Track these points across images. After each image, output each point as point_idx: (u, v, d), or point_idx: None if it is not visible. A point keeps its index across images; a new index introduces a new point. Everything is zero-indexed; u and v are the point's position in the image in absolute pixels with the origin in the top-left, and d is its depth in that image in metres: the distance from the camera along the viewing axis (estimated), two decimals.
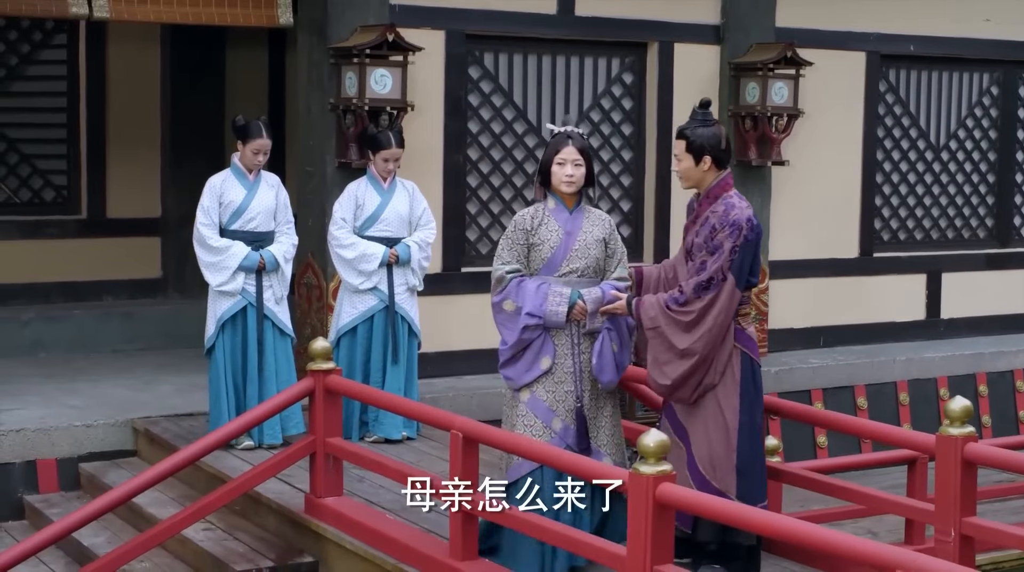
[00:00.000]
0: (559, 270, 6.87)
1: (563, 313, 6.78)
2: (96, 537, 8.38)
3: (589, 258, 6.90)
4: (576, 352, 6.86)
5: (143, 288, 12.95)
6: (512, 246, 6.94)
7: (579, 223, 6.92)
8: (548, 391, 6.83)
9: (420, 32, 10.41)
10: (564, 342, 6.85)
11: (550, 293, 6.80)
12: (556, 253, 6.87)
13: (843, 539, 4.92)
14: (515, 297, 6.85)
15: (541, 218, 6.93)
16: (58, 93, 12.73)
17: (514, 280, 6.88)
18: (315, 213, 10.31)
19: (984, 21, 13.16)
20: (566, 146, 6.88)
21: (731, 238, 6.66)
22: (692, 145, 6.81)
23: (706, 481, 6.69)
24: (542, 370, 6.83)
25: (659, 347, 6.76)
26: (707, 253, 6.69)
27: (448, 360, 10.78)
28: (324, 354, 7.68)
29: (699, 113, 6.91)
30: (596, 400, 6.93)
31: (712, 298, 6.63)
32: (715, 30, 11.80)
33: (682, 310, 6.67)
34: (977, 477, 6.45)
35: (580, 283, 6.87)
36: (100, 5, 9.77)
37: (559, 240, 6.87)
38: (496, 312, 6.95)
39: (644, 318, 6.77)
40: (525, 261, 6.92)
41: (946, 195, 13.40)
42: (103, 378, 10.91)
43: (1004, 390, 12.85)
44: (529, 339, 6.82)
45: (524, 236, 6.92)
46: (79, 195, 12.83)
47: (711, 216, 6.77)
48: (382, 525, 7.35)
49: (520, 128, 11.19)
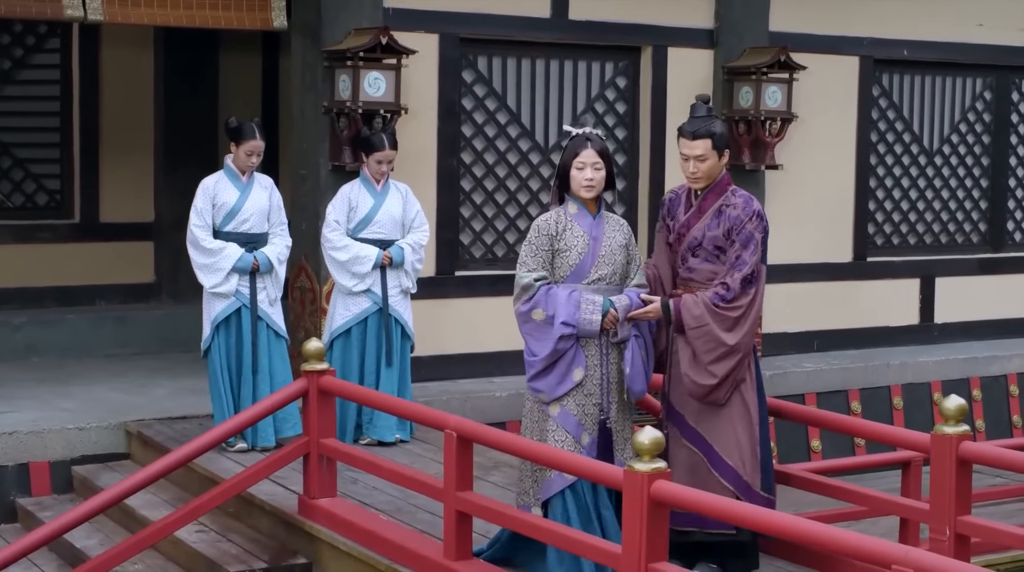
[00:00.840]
0: (587, 277, 6.63)
1: (597, 321, 6.54)
2: (89, 539, 8.37)
3: (615, 264, 6.69)
4: (605, 362, 6.64)
5: (136, 293, 12.94)
6: (536, 252, 6.67)
7: (602, 228, 6.70)
8: (578, 404, 6.60)
9: (414, 35, 10.41)
10: (594, 352, 6.61)
11: (583, 301, 6.55)
12: (584, 260, 6.63)
13: (838, 534, 4.91)
14: (545, 305, 6.56)
15: (565, 223, 6.67)
16: (51, 97, 12.73)
17: (543, 287, 6.60)
18: (308, 216, 10.30)
19: (977, 26, 13.17)
20: (585, 149, 6.64)
21: (759, 229, 6.70)
22: (717, 142, 6.73)
23: (739, 477, 6.64)
24: (575, 382, 6.58)
25: (704, 346, 6.64)
26: (739, 246, 6.65)
27: (442, 364, 10.76)
28: (318, 355, 7.67)
29: (703, 107, 6.83)
30: (622, 412, 6.71)
31: (755, 291, 6.63)
32: (709, 34, 11.81)
33: (731, 306, 6.60)
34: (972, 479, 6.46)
35: (607, 290, 6.65)
36: (94, 8, 9.75)
37: (586, 246, 6.64)
38: (523, 321, 6.66)
39: (688, 318, 6.65)
40: (551, 268, 6.67)
41: (939, 200, 13.41)
42: (96, 382, 10.89)
43: (998, 394, 12.85)
44: (563, 350, 6.55)
45: (548, 242, 6.65)
46: (72, 199, 12.83)
47: (728, 209, 6.72)
48: (376, 526, 7.33)
49: (514, 132, 11.18)
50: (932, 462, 6.43)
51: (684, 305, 6.67)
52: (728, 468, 6.67)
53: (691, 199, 6.89)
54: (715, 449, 6.71)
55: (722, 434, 6.70)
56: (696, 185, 6.84)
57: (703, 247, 6.76)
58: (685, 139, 6.79)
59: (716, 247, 6.75)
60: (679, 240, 6.88)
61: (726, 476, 6.67)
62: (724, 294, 6.61)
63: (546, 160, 11.29)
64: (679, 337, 6.78)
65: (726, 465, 6.68)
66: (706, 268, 6.78)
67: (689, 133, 6.77)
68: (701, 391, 6.69)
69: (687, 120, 6.88)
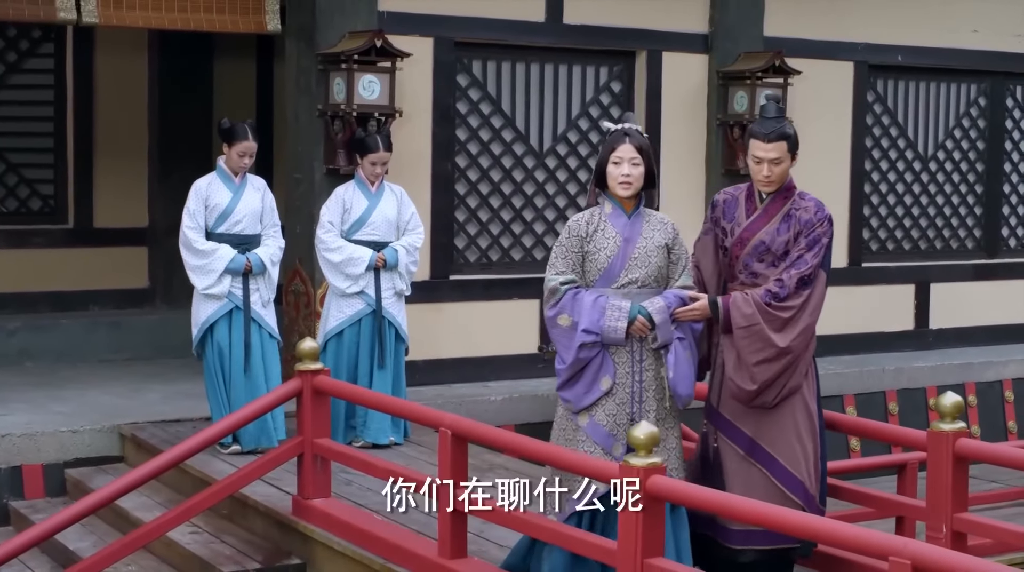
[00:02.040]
0: (617, 281, 6.33)
1: (622, 329, 6.21)
2: (82, 541, 8.34)
3: (650, 267, 6.34)
4: (638, 369, 6.31)
5: (130, 298, 12.90)
6: (566, 254, 6.37)
7: (638, 229, 6.36)
8: (608, 414, 6.28)
9: (409, 39, 10.40)
10: (625, 360, 6.30)
11: (608, 307, 6.24)
12: (613, 262, 6.32)
13: (836, 526, 4.89)
14: (570, 311, 6.28)
15: (597, 224, 6.36)
16: (45, 102, 12.69)
17: (569, 292, 6.31)
18: (303, 220, 10.28)
19: (972, 32, 13.19)
20: (622, 144, 6.28)
21: (827, 234, 6.45)
22: (792, 144, 6.43)
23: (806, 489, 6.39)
24: (602, 391, 6.28)
25: (750, 347, 6.36)
26: (804, 247, 6.38)
27: (436, 368, 10.73)
28: (312, 354, 7.64)
29: (773, 107, 6.50)
30: (661, 422, 6.30)
31: (809, 293, 6.36)
32: (703, 39, 11.81)
33: (782, 306, 6.33)
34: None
35: (641, 295, 6.32)
36: (89, 10, 9.73)
37: (616, 248, 6.32)
38: (550, 326, 6.39)
39: (738, 316, 6.37)
40: (580, 270, 6.36)
41: (934, 206, 13.41)
42: (90, 386, 10.86)
43: (993, 400, 12.84)
44: (587, 358, 6.27)
45: (578, 243, 6.35)
46: (66, 205, 12.79)
47: (799, 212, 6.45)
48: (370, 525, 7.30)
49: (509, 136, 11.18)
50: (929, 459, 6.41)
51: (734, 303, 6.39)
52: (795, 480, 6.40)
53: (754, 201, 6.57)
54: (779, 461, 6.41)
55: (786, 445, 6.41)
56: (768, 189, 6.51)
57: (771, 252, 6.46)
58: (759, 141, 6.43)
59: (786, 252, 6.46)
60: (740, 244, 6.54)
61: (794, 489, 6.38)
62: (777, 292, 6.34)
63: (541, 164, 11.29)
64: (725, 340, 6.49)
65: (793, 477, 6.40)
66: (773, 273, 6.47)
67: (763, 135, 6.41)
68: (746, 396, 6.42)
69: (759, 121, 6.55)
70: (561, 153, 11.39)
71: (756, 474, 6.42)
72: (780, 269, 6.43)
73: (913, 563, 4.54)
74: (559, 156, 11.39)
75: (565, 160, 11.41)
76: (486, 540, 7.16)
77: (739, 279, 6.57)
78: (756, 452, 6.45)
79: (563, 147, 11.40)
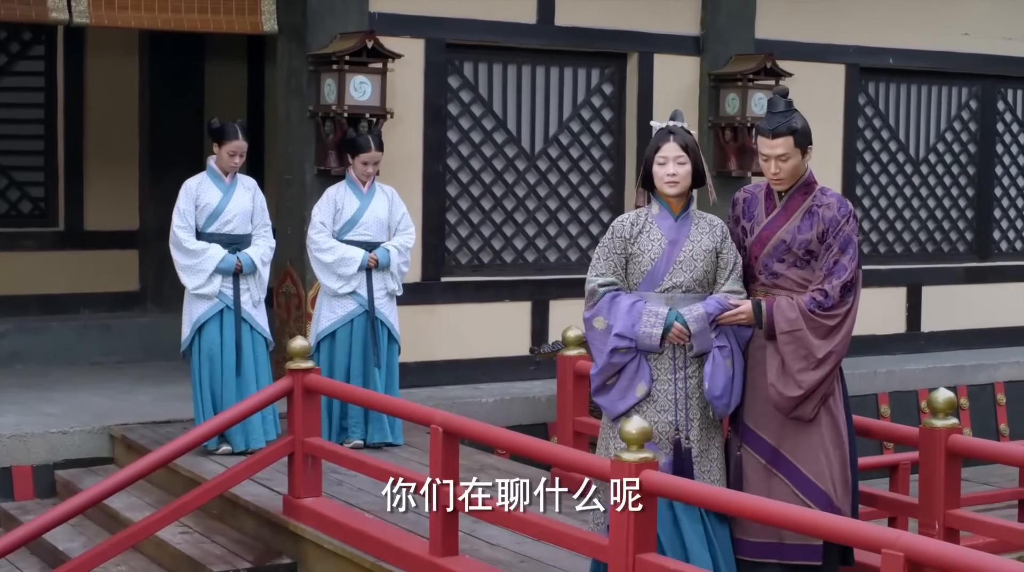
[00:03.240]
0: (660, 285, 6.08)
1: (657, 336, 5.98)
2: (72, 542, 8.31)
3: (695, 271, 6.09)
4: (682, 376, 6.06)
5: (121, 301, 12.86)
6: (608, 256, 6.14)
7: (686, 231, 6.12)
8: (648, 421, 5.90)
9: (400, 40, 10.39)
10: (665, 366, 6.06)
11: (644, 312, 6.01)
12: (657, 265, 6.08)
13: (830, 520, 4.88)
14: (607, 314, 6.05)
15: (643, 225, 6.13)
16: (36, 104, 12.66)
17: (607, 294, 6.09)
18: (294, 222, 10.25)
19: (963, 35, 13.19)
20: (667, 142, 6.07)
21: (854, 230, 6.17)
22: (801, 139, 6.15)
23: (831, 501, 6.07)
24: (637, 398, 6.03)
25: (793, 354, 6.07)
26: (838, 250, 6.10)
27: (428, 370, 10.71)
28: (302, 353, 7.62)
29: (782, 102, 6.24)
30: (706, 431, 6.09)
31: (854, 299, 6.13)
32: (695, 41, 11.80)
33: (828, 314, 6.05)
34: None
35: (684, 300, 6.07)
36: (80, 11, 9.69)
37: (661, 250, 6.08)
38: (587, 329, 6.18)
39: (781, 321, 6.07)
40: (623, 273, 6.14)
41: (926, 209, 13.41)
42: (81, 388, 10.83)
43: (985, 403, 12.82)
44: (620, 363, 6.04)
45: (622, 245, 6.12)
46: (57, 207, 12.76)
47: (820, 209, 6.17)
48: (361, 524, 7.28)
49: (500, 137, 11.16)
50: (921, 455, 6.40)
51: (778, 307, 6.10)
52: (819, 492, 6.09)
53: (773, 199, 6.30)
54: (802, 471, 6.13)
55: (810, 455, 6.12)
56: (779, 186, 6.24)
57: (792, 251, 6.19)
58: (764, 138, 6.18)
59: (807, 251, 6.18)
60: (760, 244, 6.28)
61: (817, 501, 6.06)
62: (822, 301, 6.05)
63: (532, 166, 11.28)
64: (765, 346, 6.19)
65: (816, 489, 6.10)
66: (795, 274, 6.21)
67: (768, 131, 6.15)
68: (788, 404, 6.11)
69: (765, 117, 6.28)
70: (553, 155, 11.39)
71: (778, 484, 6.13)
72: (818, 279, 6.14)
73: (906, 555, 4.53)
74: (550, 158, 11.38)
75: (556, 162, 11.40)
76: (477, 539, 7.15)
77: (759, 280, 6.29)
78: (778, 461, 6.17)
79: (555, 149, 11.39)
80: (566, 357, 8.61)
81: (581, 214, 11.50)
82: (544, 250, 11.38)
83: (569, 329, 8.67)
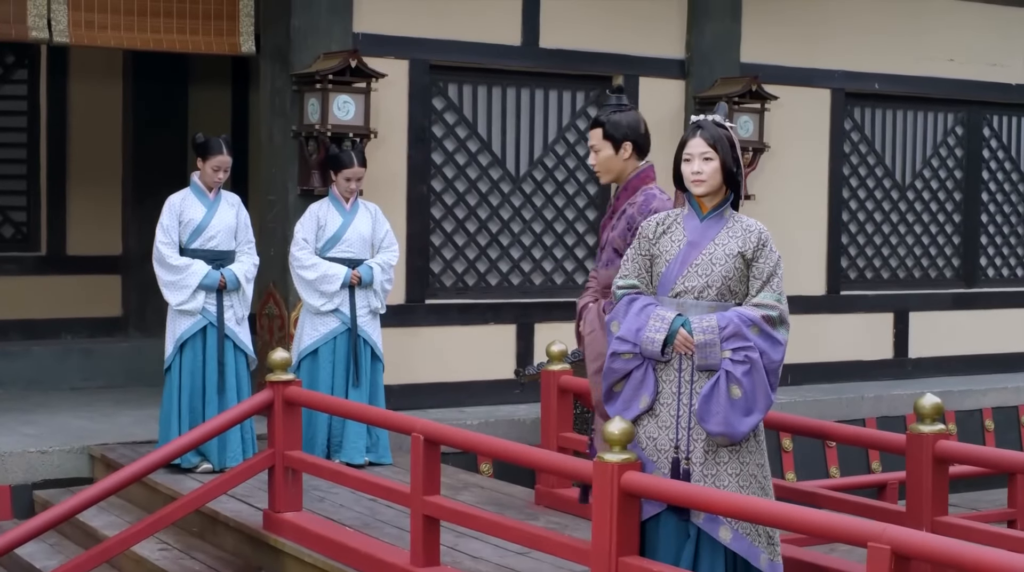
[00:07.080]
0: (672, 288, 5.62)
1: (659, 342, 5.52)
2: (50, 560, 8.21)
3: (712, 276, 5.57)
4: (687, 391, 5.56)
5: (103, 326, 12.79)
6: (634, 257, 5.76)
7: (711, 232, 5.64)
8: (649, 437, 5.60)
9: (384, 61, 10.36)
10: (671, 378, 5.59)
11: (652, 316, 5.56)
12: (670, 268, 5.64)
13: (816, 515, 4.80)
14: (621, 318, 5.68)
15: (669, 225, 5.71)
16: (18, 128, 12.60)
17: (626, 297, 5.70)
18: (277, 241, 10.18)
19: (948, 61, 13.20)
20: (693, 138, 5.65)
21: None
22: (609, 131, 6.21)
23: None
24: (639, 410, 5.59)
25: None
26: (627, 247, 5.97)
27: (412, 393, 10.61)
28: (283, 365, 7.53)
29: (613, 98, 6.35)
30: (713, 455, 5.53)
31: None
32: (680, 64, 11.79)
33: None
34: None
35: (697, 307, 5.57)
36: (60, 30, 9.68)
37: (677, 252, 5.64)
38: (607, 334, 5.83)
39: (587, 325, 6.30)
40: (647, 276, 5.72)
41: (912, 234, 13.37)
42: (61, 410, 10.75)
43: (973, 428, 12.75)
44: (622, 369, 5.63)
45: (646, 245, 5.72)
46: (39, 232, 12.69)
47: (629, 207, 6.20)
48: (342, 537, 7.17)
49: (484, 159, 11.12)
50: (908, 462, 6.33)
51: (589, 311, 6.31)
52: None
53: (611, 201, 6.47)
54: None
55: None
56: (602, 180, 6.44)
57: (605, 248, 6.29)
58: None
59: (614, 250, 6.22)
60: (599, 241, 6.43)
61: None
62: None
63: (517, 189, 11.23)
64: None
65: None
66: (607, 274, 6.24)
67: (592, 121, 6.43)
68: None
69: None
70: (537, 178, 11.34)
71: None
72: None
73: (892, 548, 4.45)
74: (535, 181, 11.33)
75: (541, 185, 11.35)
76: (460, 552, 7.08)
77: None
78: None
79: (539, 172, 11.35)
80: (550, 372, 8.53)
81: (566, 237, 11.45)
82: (529, 273, 11.32)
83: (553, 344, 8.59)
